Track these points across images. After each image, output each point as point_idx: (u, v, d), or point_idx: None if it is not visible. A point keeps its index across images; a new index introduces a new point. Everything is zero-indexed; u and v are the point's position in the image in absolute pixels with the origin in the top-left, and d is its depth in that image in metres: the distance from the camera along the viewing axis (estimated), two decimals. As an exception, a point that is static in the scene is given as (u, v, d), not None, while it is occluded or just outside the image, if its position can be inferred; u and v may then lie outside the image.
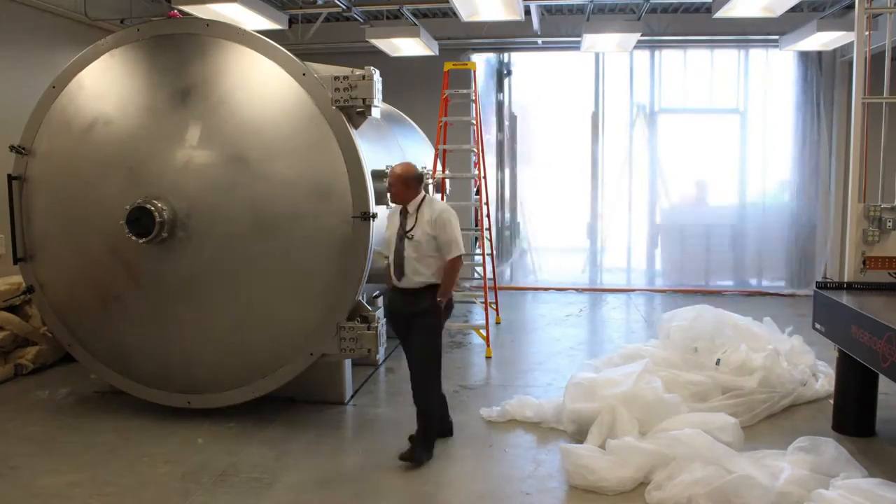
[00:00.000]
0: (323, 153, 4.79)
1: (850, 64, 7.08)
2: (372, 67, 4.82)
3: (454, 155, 9.12)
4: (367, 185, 4.81)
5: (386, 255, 4.32)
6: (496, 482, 4.11)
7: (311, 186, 4.79)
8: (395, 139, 6.98)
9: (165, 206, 4.79)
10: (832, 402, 5.05)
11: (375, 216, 4.84)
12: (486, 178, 7.95)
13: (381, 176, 5.18)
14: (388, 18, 9.72)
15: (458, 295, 9.53)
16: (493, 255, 8.32)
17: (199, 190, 4.83)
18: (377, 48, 9.24)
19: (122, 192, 4.87)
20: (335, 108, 4.79)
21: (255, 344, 4.91)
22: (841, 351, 4.67)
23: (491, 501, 3.88)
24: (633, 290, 10.75)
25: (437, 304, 4.28)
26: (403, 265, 4.29)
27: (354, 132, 4.85)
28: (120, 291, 5.01)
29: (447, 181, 8.08)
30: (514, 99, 11.22)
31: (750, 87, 10.65)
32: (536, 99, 11.28)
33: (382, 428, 4.93)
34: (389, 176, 4.39)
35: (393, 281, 4.38)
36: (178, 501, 3.85)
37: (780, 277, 10.81)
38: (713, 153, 10.83)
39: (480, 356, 6.93)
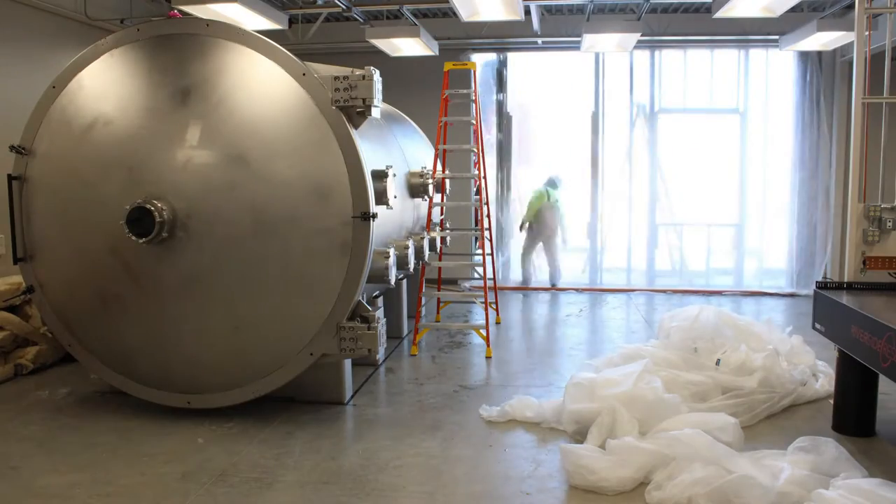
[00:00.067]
0: (323, 153, 4.80)
1: (850, 64, 7.08)
2: (372, 67, 4.82)
3: (454, 155, 9.13)
4: (367, 185, 4.81)
5: (386, 254, 4.28)
6: (496, 482, 4.10)
7: (311, 186, 4.79)
8: (395, 139, 6.98)
9: (165, 206, 4.79)
10: (832, 402, 5.05)
11: (375, 216, 4.84)
12: (486, 177, 7.95)
13: (381, 176, 5.19)
14: (388, 18, 9.73)
15: (457, 295, 9.59)
16: (493, 255, 8.32)
17: (199, 190, 4.83)
18: (377, 48, 9.25)
19: (122, 192, 4.87)
20: (335, 108, 4.78)
21: (255, 344, 4.91)
22: (841, 351, 4.67)
23: (491, 501, 3.88)
24: (633, 290, 10.75)
25: None
26: None
27: (354, 132, 4.85)
28: (120, 291, 5.01)
29: (447, 181, 8.08)
30: (514, 99, 11.22)
31: (750, 87, 10.67)
32: (536, 99, 11.29)
33: (382, 428, 4.93)
34: None
35: None
36: (177, 501, 3.85)
37: (780, 277, 10.82)
38: (713, 153, 10.84)
39: (480, 356, 6.93)
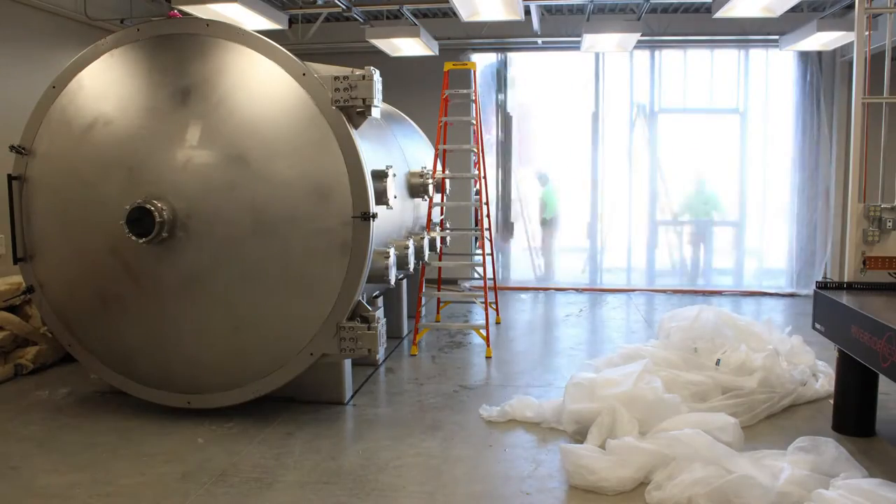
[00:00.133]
0: (323, 153, 4.80)
1: (850, 64, 7.08)
2: (372, 67, 4.82)
3: (454, 155, 9.13)
4: (367, 185, 4.81)
5: (386, 254, 4.26)
6: (496, 482, 4.10)
7: (311, 186, 4.79)
8: (395, 139, 6.98)
9: (165, 206, 4.79)
10: (832, 402, 5.05)
11: (375, 216, 4.84)
12: (486, 177, 7.95)
13: (381, 176, 5.19)
14: (388, 18, 9.73)
15: (457, 295, 9.59)
16: (493, 255, 8.32)
17: (199, 190, 4.83)
18: (377, 48, 9.25)
19: (122, 192, 4.87)
20: (335, 108, 4.78)
21: (255, 344, 4.91)
22: (841, 351, 4.67)
23: (491, 501, 3.88)
24: (633, 290, 10.75)
25: None
26: None
27: (354, 132, 4.85)
28: (120, 291, 5.01)
29: (447, 181, 8.08)
30: (514, 99, 11.22)
31: (750, 87, 10.66)
32: (536, 99, 11.29)
33: (382, 428, 4.93)
34: None
35: None
36: (177, 501, 3.85)
37: (780, 277, 10.82)
38: (713, 153, 10.84)
39: (480, 356, 6.93)
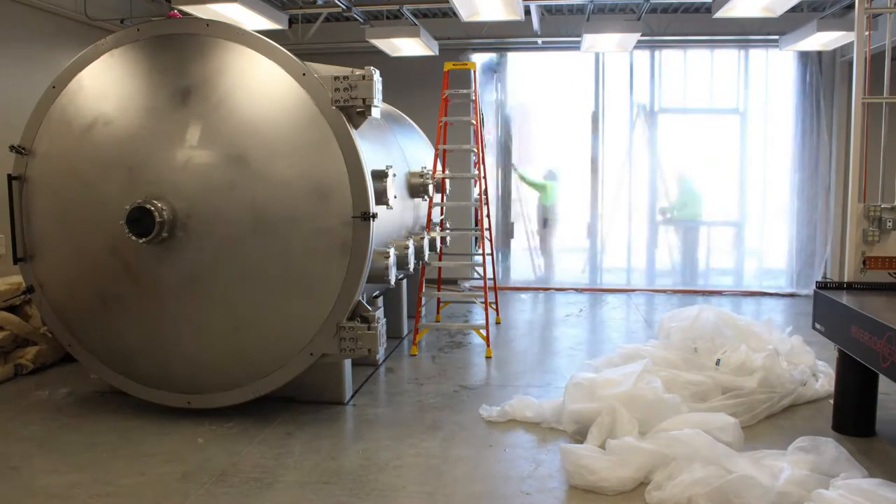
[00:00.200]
0: (323, 153, 4.80)
1: (850, 64, 7.08)
2: (372, 67, 4.82)
3: (454, 155, 9.13)
4: (367, 185, 4.81)
5: (386, 254, 4.27)
6: (496, 482, 4.10)
7: (311, 186, 4.79)
8: (395, 139, 6.98)
9: (165, 206, 4.79)
10: (832, 402, 5.05)
11: (375, 216, 4.84)
12: (486, 177, 7.95)
13: (381, 176, 5.18)
14: (388, 18, 9.73)
15: (458, 295, 9.59)
16: (493, 255, 8.32)
17: (199, 190, 4.83)
18: (377, 48, 9.25)
19: (122, 191, 4.87)
20: (335, 108, 4.78)
21: (255, 344, 4.91)
22: (841, 351, 4.67)
23: (491, 501, 3.88)
24: (633, 290, 10.75)
25: None
26: None
27: (354, 132, 4.85)
28: (120, 291, 5.00)
29: (447, 181, 8.08)
30: (514, 99, 11.22)
31: (750, 87, 10.66)
32: (537, 99, 11.28)
33: (382, 428, 4.93)
34: None
35: None
36: (177, 501, 3.85)
37: (780, 277, 10.82)
38: (713, 153, 10.84)
39: (480, 356, 6.93)
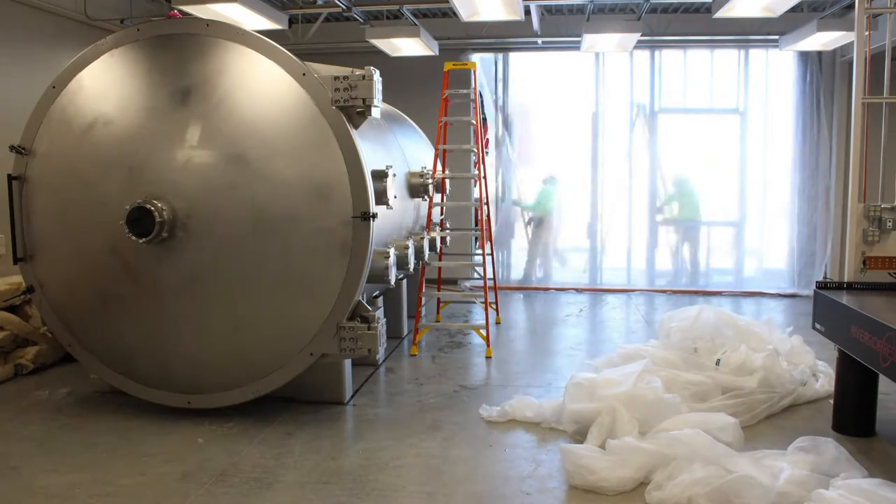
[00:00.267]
0: (323, 153, 4.79)
1: (850, 64, 7.08)
2: (372, 67, 4.82)
3: (454, 155, 9.13)
4: (367, 185, 4.81)
5: (386, 254, 4.26)
6: (496, 482, 4.10)
7: (311, 186, 4.79)
8: (395, 139, 6.98)
9: (165, 206, 4.79)
10: (832, 402, 5.05)
11: (375, 216, 4.84)
12: (486, 177, 7.95)
13: (381, 176, 5.18)
14: (388, 18, 9.73)
15: (457, 295, 9.60)
16: (493, 255, 8.32)
17: (199, 190, 4.83)
18: (377, 48, 9.25)
19: (122, 191, 4.87)
20: (335, 108, 4.78)
21: (255, 344, 4.91)
22: (841, 351, 4.67)
23: (491, 501, 3.88)
24: (633, 290, 10.75)
25: None
26: None
27: (354, 132, 4.85)
28: (120, 291, 5.00)
29: (447, 181, 8.08)
30: (514, 99, 11.21)
31: (750, 87, 10.66)
32: (537, 99, 11.28)
33: (382, 428, 4.93)
34: None
35: None
36: (177, 501, 3.85)
37: (780, 277, 10.82)
38: (713, 153, 10.83)
39: (480, 356, 6.93)
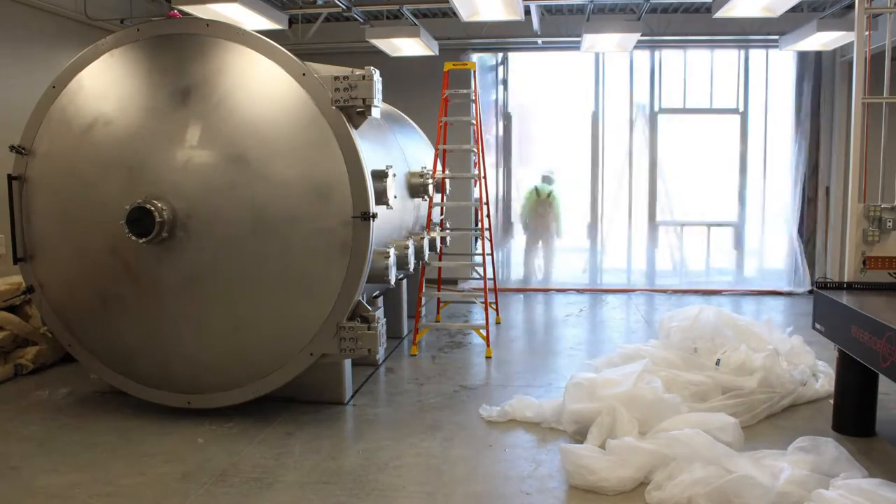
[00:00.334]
0: (323, 153, 4.79)
1: (850, 64, 7.08)
2: (372, 67, 4.82)
3: (454, 155, 9.13)
4: (367, 185, 4.81)
5: (386, 254, 4.26)
6: (496, 482, 4.10)
7: (311, 186, 4.79)
8: (395, 139, 6.98)
9: (165, 206, 4.79)
10: (832, 402, 5.05)
11: (375, 216, 4.84)
12: (486, 177, 7.95)
13: (381, 176, 5.18)
14: (388, 18, 9.73)
15: (457, 295, 9.59)
16: (493, 255, 8.32)
17: (199, 190, 4.83)
18: (377, 48, 9.25)
19: (122, 191, 4.87)
20: (335, 108, 4.78)
21: (255, 344, 4.91)
22: (841, 351, 4.67)
23: (491, 501, 3.88)
24: (633, 290, 10.75)
25: None
26: None
27: (354, 132, 4.85)
28: (120, 291, 5.00)
29: (447, 181, 8.08)
30: (514, 99, 11.22)
31: (750, 87, 10.66)
32: (537, 99, 11.28)
33: (382, 428, 4.93)
34: None
35: None
36: (177, 501, 3.85)
37: (780, 277, 10.82)
38: (713, 153, 10.84)
39: (480, 356, 6.93)
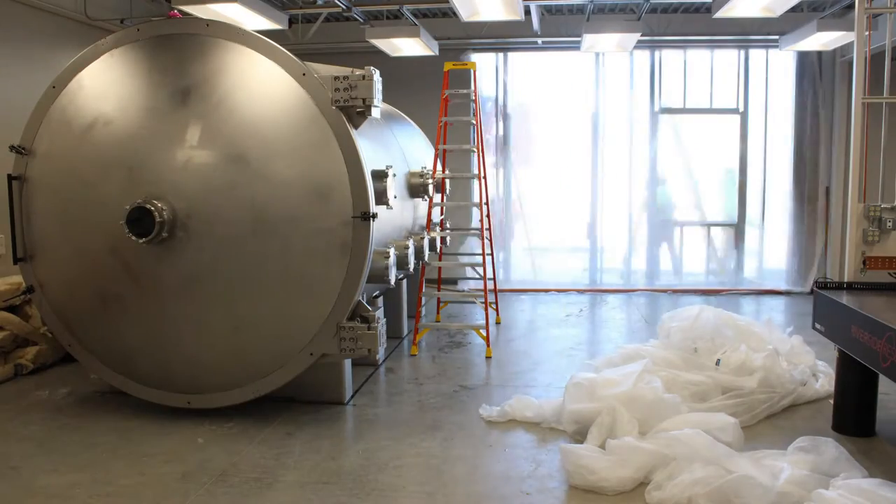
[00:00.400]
0: (323, 153, 4.80)
1: (850, 64, 7.08)
2: (372, 67, 4.82)
3: (454, 155, 9.13)
4: (367, 185, 4.81)
5: (386, 254, 4.27)
6: (496, 482, 4.10)
7: (311, 186, 4.79)
8: (395, 139, 6.98)
9: (165, 206, 4.79)
10: (832, 402, 5.05)
11: (375, 216, 4.84)
12: (486, 178, 7.95)
13: (381, 176, 5.18)
14: (388, 18, 9.73)
15: (457, 295, 9.59)
16: (492, 255, 8.32)
17: (199, 190, 4.83)
18: (377, 48, 9.25)
19: (122, 191, 4.87)
20: (335, 108, 4.78)
21: (255, 344, 4.92)
22: (841, 351, 4.67)
23: (491, 501, 3.88)
24: (633, 290, 10.75)
25: None
26: None
27: (354, 132, 4.86)
28: (120, 291, 5.01)
29: (447, 181, 8.08)
30: (514, 99, 11.22)
31: (750, 87, 10.66)
32: (536, 99, 11.28)
33: (382, 428, 4.93)
34: None
35: None
36: (177, 501, 3.85)
37: (780, 277, 10.82)
38: (713, 153, 10.84)
39: (480, 356, 6.93)
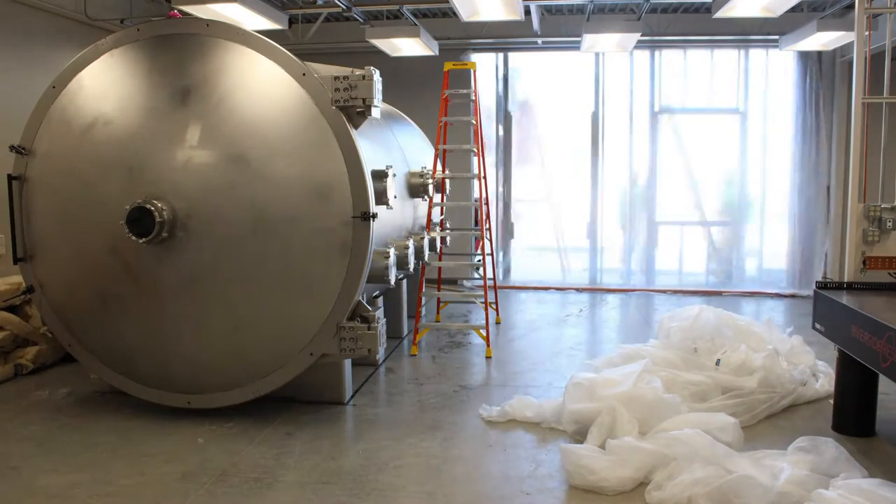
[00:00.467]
0: (323, 153, 4.80)
1: (850, 64, 7.08)
2: (372, 67, 4.82)
3: (454, 155, 9.13)
4: (367, 185, 4.81)
5: (386, 254, 4.27)
6: (496, 482, 4.10)
7: (311, 186, 4.79)
8: (395, 139, 6.98)
9: (165, 205, 4.79)
10: (832, 402, 5.05)
11: (375, 216, 4.84)
12: (486, 177, 7.95)
13: (381, 176, 5.18)
14: (388, 18, 9.73)
15: (457, 295, 9.59)
16: (493, 255, 8.32)
17: (199, 190, 4.83)
18: (377, 48, 9.25)
19: (122, 191, 4.87)
20: (335, 108, 4.79)
21: (255, 344, 4.92)
22: (841, 351, 4.67)
23: (491, 501, 3.88)
24: (633, 290, 10.75)
25: None
26: None
27: (354, 132, 4.86)
28: (120, 291, 5.01)
29: (447, 181, 8.08)
30: (514, 99, 11.22)
31: (750, 87, 10.66)
32: (537, 99, 11.28)
33: (382, 428, 4.93)
34: None
35: None
36: (177, 501, 3.85)
37: (780, 277, 10.82)
38: (713, 153, 10.84)
39: (480, 356, 6.93)
